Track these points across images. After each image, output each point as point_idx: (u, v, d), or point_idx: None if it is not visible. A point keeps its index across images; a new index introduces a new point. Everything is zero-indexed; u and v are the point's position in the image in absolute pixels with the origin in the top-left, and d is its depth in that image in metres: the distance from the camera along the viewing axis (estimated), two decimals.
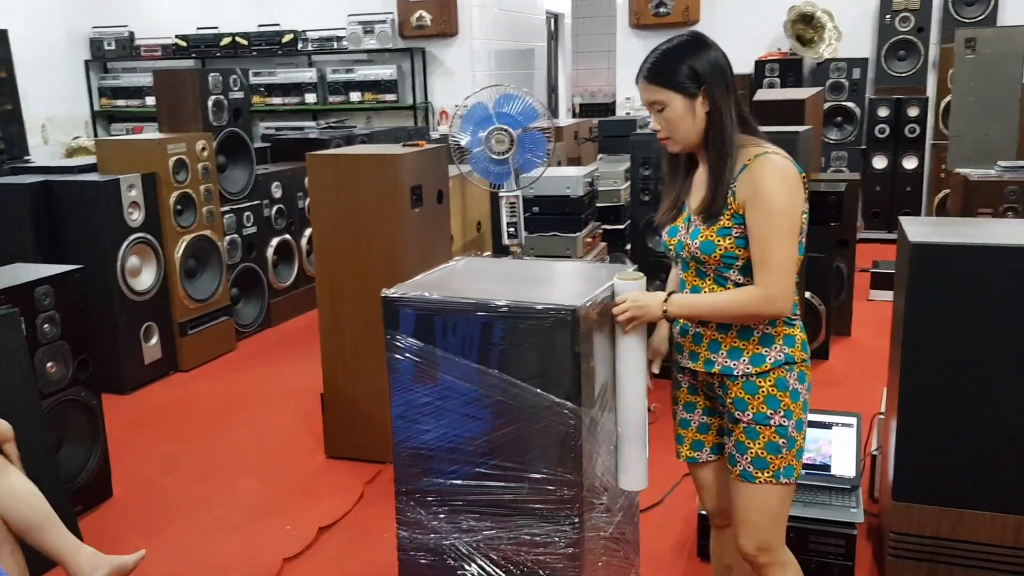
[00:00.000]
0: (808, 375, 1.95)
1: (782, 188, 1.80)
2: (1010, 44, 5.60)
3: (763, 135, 1.89)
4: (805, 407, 1.95)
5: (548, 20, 11.05)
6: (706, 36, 1.91)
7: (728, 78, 1.87)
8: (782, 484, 1.93)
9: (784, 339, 1.90)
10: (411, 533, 2.13)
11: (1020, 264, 2.22)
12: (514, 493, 2.00)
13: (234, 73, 5.26)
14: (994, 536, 2.36)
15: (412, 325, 2.06)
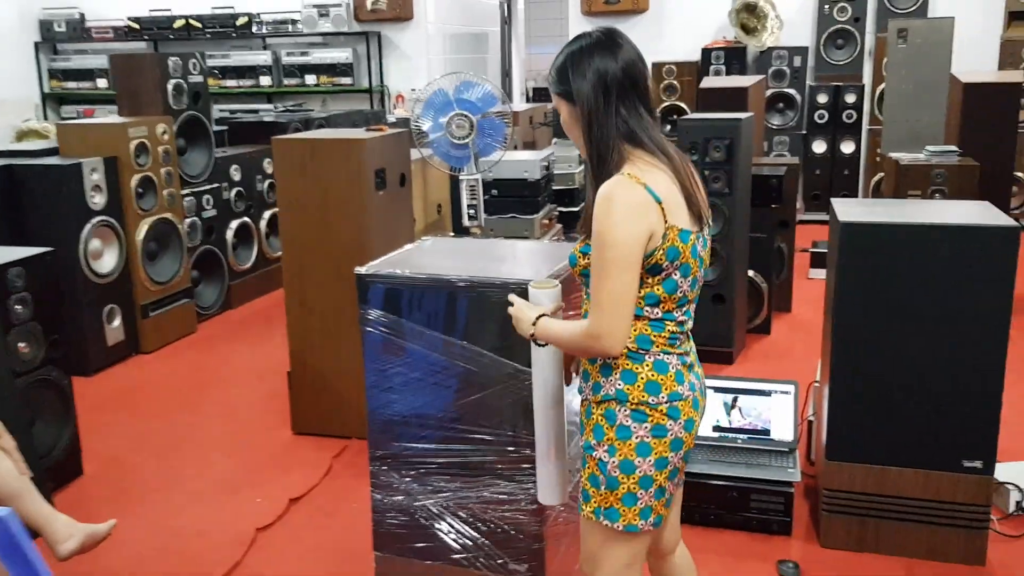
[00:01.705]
0: (654, 418, 1.72)
1: (612, 219, 1.62)
2: (939, 35, 5.89)
3: (658, 151, 1.71)
4: (642, 451, 1.72)
5: (501, 5, 11.16)
6: (615, 38, 1.73)
7: (611, 87, 1.68)
8: (603, 525, 1.77)
9: (622, 374, 1.73)
10: (384, 495, 2.30)
11: (935, 241, 2.45)
12: (480, 455, 2.17)
13: (193, 57, 5.31)
14: (914, 490, 2.60)
15: (382, 300, 2.22)
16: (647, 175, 1.67)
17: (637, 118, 1.70)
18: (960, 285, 2.43)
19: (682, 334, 1.77)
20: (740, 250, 4.40)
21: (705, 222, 1.76)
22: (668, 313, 1.72)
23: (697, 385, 1.80)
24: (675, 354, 1.75)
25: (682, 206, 1.70)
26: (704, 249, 1.76)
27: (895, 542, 2.64)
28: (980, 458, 2.51)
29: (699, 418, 1.80)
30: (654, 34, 8.04)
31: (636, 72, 1.71)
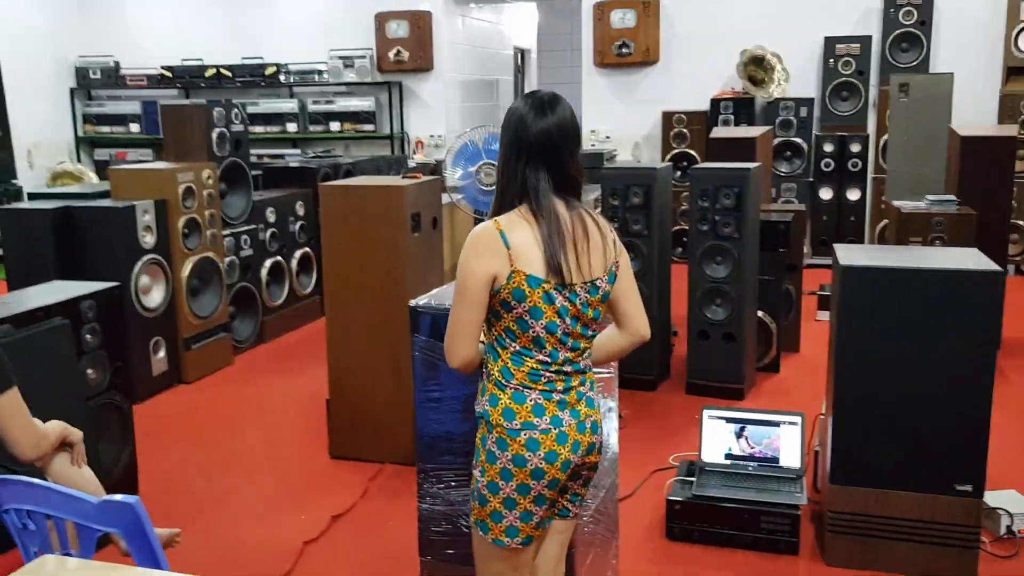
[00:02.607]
0: (513, 448, 1.91)
1: (466, 255, 1.91)
2: (939, 89, 6.22)
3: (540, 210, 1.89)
4: (505, 476, 1.92)
5: (516, 55, 11.59)
6: (545, 107, 1.93)
7: (522, 150, 1.91)
8: (479, 535, 2.00)
9: (490, 397, 1.95)
10: (430, 505, 2.55)
11: (927, 283, 2.72)
12: None
13: (235, 107, 5.66)
14: (912, 511, 2.84)
15: (429, 328, 2.49)
16: (512, 224, 1.90)
17: (535, 181, 1.91)
18: (950, 324, 2.70)
19: (550, 372, 1.94)
20: (749, 292, 4.68)
21: (568, 279, 1.89)
22: (526, 349, 1.93)
23: (568, 422, 1.94)
24: (537, 389, 1.93)
25: (537, 257, 1.88)
26: (571, 302, 1.91)
27: (894, 560, 2.88)
28: (970, 482, 2.76)
29: (571, 453, 1.94)
30: (665, 84, 8.40)
31: (548, 141, 1.91)
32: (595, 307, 1.98)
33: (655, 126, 8.35)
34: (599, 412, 2.06)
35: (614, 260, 1.99)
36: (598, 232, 1.97)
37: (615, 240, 2.02)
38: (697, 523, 3.12)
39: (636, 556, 3.09)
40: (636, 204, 4.78)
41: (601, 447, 2.07)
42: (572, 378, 1.98)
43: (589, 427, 2.00)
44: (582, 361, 2.01)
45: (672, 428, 4.26)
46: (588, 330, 2.00)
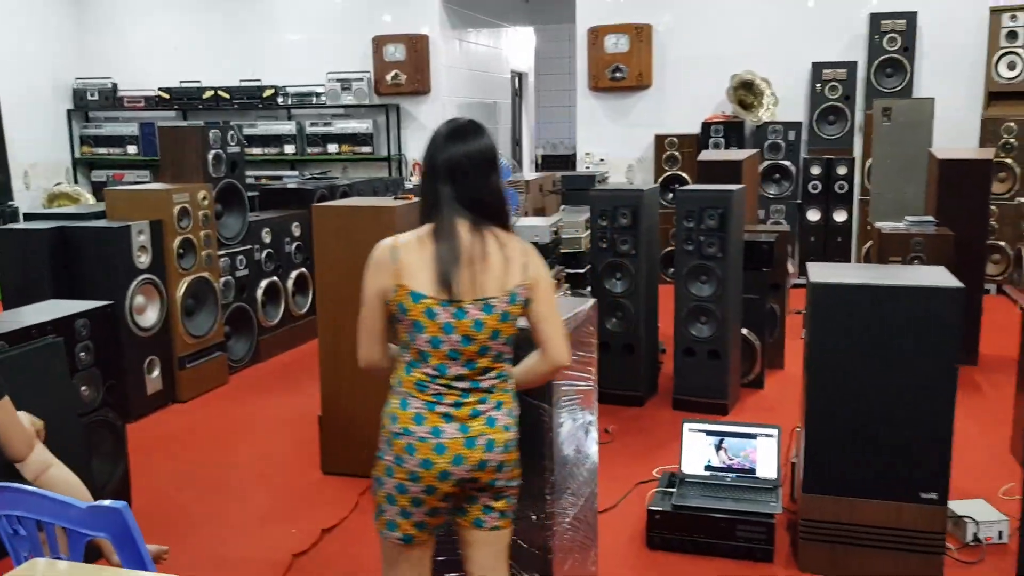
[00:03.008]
0: (395, 449, 2.05)
1: (367, 267, 2.10)
2: (920, 114, 6.37)
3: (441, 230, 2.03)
4: (388, 473, 2.08)
5: (513, 78, 11.77)
6: (457, 134, 2.08)
7: (434, 172, 2.07)
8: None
9: (387, 400, 2.11)
10: None
11: (892, 299, 2.83)
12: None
13: (231, 129, 5.79)
14: (880, 519, 2.93)
15: None
16: (409, 241, 2.06)
17: (440, 201, 2.05)
18: (914, 338, 2.80)
19: (437, 385, 2.05)
20: (733, 310, 4.78)
21: (457, 295, 2.00)
22: (415, 361, 2.06)
23: (451, 434, 2.03)
24: (421, 399, 2.05)
25: (426, 273, 2.01)
26: (458, 319, 2.01)
27: (863, 566, 2.96)
28: (935, 490, 2.85)
29: (451, 465, 2.03)
30: (657, 108, 8.56)
31: (456, 166, 2.05)
32: (493, 327, 2.04)
33: (648, 149, 8.50)
34: (506, 432, 2.09)
35: (520, 283, 2.05)
36: (500, 254, 2.04)
37: (527, 265, 2.07)
38: (676, 532, 3.21)
39: (617, 564, 3.18)
40: (624, 225, 4.90)
41: (503, 466, 2.10)
42: (469, 395, 2.07)
43: (482, 444, 2.06)
44: (486, 381, 2.08)
45: (657, 442, 4.34)
46: (489, 350, 2.06)
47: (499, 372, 2.11)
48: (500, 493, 2.14)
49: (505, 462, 2.11)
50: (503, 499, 2.16)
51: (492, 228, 2.07)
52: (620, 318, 4.97)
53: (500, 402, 2.11)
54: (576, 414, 2.67)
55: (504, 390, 2.13)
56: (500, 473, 2.11)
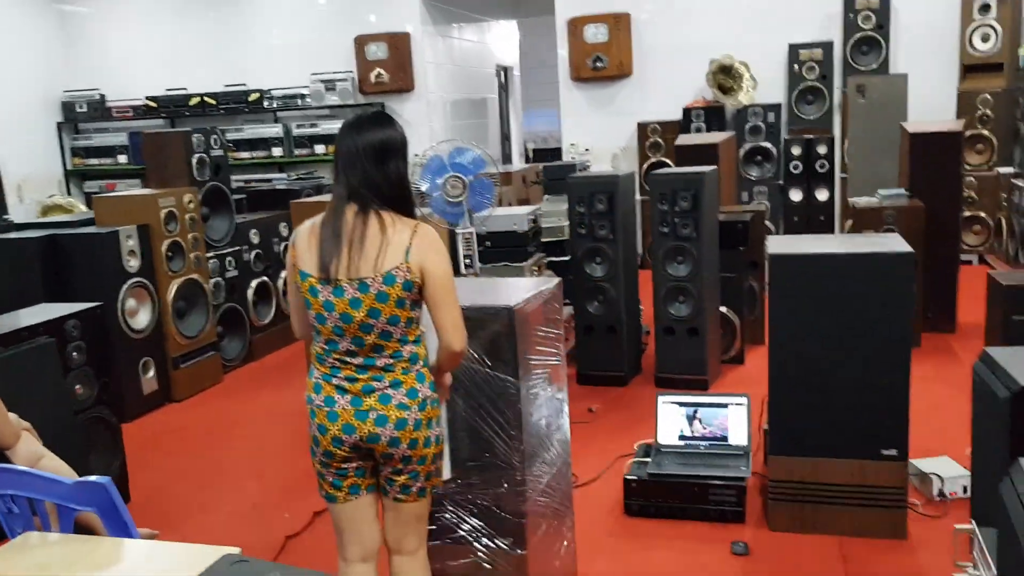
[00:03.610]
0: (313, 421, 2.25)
1: None
2: (894, 89, 6.48)
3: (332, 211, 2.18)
4: (314, 441, 2.27)
5: (498, 73, 11.86)
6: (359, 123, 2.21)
7: (337, 157, 2.21)
8: None
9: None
10: None
11: (846, 267, 2.94)
12: (475, 450, 2.63)
13: (214, 133, 5.89)
14: (844, 477, 3.04)
15: None
16: (306, 225, 2.23)
17: (336, 186, 2.22)
18: (868, 303, 2.91)
19: (332, 359, 2.20)
20: (710, 288, 4.89)
21: (335, 274, 2.13)
22: (315, 336, 2.24)
23: (344, 405, 2.19)
24: (321, 371, 2.23)
25: (313, 253, 2.17)
26: (337, 297, 2.14)
27: (830, 523, 3.08)
28: (896, 447, 2.97)
29: (342, 433, 2.19)
30: (639, 96, 8.65)
31: (348, 154, 2.18)
32: (371, 306, 2.13)
33: (632, 137, 8.59)
34: (401, 411, 2.18)
35: (397, 266, 2.13)
36: (380, 237, 2.14)
37: (411, 249, 2.14)
38: (652, 499, 3.33)
39: (596, 531, 3.30)
40: (601, 210, 5.01)
41: (396, 442, 2.19)
42: (365, 371, 2.19)
43: (373, 419, 2.18)
44: (380, 360, 2.18)
45: (639, 418, 4.45)
46: (373, 328, 2.15)
47: (395, 352, 2.20)
48: (399, 468, 2.24)
49: (399, 439, 2.19)
50: (404, 475, 2.25)
51: (383, 212, 2.17)
52: (601, 301, 5.08)
53: (397, 382, 2.20)
54: (546, 388, 2.78)
55: (405, 371, 2.20)
56: (395, 448, 2.20)
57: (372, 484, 2.35)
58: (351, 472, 2.29)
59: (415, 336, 2.25)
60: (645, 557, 3.12)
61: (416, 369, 2.24)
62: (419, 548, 2.38)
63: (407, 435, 2.21)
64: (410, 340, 2.23)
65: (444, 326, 2.21)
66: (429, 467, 2.29)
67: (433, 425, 2.27)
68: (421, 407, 2.22)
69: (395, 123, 2.27)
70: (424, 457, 2.26)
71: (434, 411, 2.27)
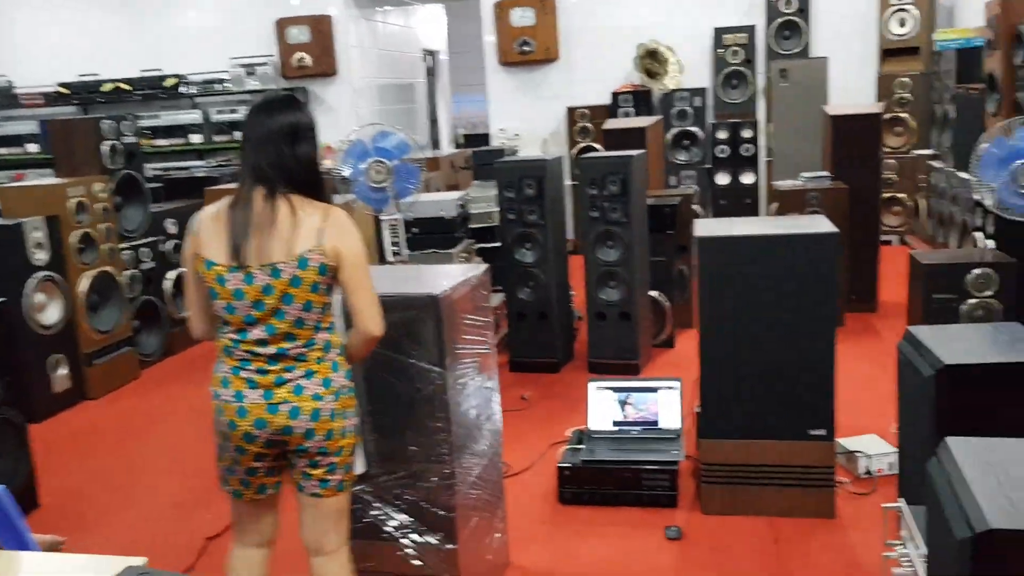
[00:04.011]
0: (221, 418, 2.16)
1: None
2: (815, 73, 6.57)
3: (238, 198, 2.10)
4: (222, 437, 2.19)
5: (425, 57, 11.68)
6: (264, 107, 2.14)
7: (244, 140, 2.15)
8: None
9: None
10: None
11: (771, 248, 2.94)
12: (400, 444, 2.54)
13: (125, 119, 5.64)
14: (774, 458, 3.05)
15: None
16: (208, 212, 2.14)
17: (242, 169, 2.14)
18: (793, 283, 2.92)
19: (240, 351, 2.11)
20: (640, 273, 4.88)
21: (245, 261, 2.05)
22: (222, 327, 2.15)
23: (254, 399, 2.10)
24: (229, 364, 2.14)
25: (220, 240, 2.08)
26: (248, 284, 2.06)
27: (761, 504, 3.09)
28: (823, 427, 2.98)
29: (254, 428, 2.11)
30: (567, 80, 8.61)
31: (255, 138, 2.11)
32: (284, 291, 2.05)
33: (561, 122, 8.56)
34: (316, 402, 2.11)
35: (310, 249, 2.05)
36: (290, 220, 2.06)
37: (323, 232, 2.07)
38: (586, 486, 3.29)
39: (529, 521, 3.25)
40: (530, 195, 4.94)
41: (312, 434, 2.11)
42: (276, 362, 2.10)
43: (286, 411, 2.10)
44: (293, 349, 2.10)
45: (572, 405, 4.41)
46: (285, 315, 2.07)
47: (308, 340, 2.12)
48: (315, 461, 2.16)
49: (314, 430, 2.12)
50: (321, 468, 2.17)
51: (291, 196, 2.09)
52: (532, 288, 5.02)
53: (311, 371, 2.12)
54: (476, 377, 2.70)
55: (319, 359, 2.13)
56: (310, 441, 2.12)
57: (279, 482, 2.28)
58: (261, 472, 2.22)
59: (329, 323, 2.17)
60: (579, 545, 3.08)
61: (331, 358, 2.16)
62: (340, 547, 2.29)
63: (323, 426, 2.13)
64: (324, 327, 2.15)
65: (361, 310, 2.14)
66: (347, 458, 2.21)
67: (348, 415, 2.19)
68: (336, 396, 2.15)
69: (304, 106, 2.20)
70: (341, 448, 2.18)
71: (350, 400, 2.20)
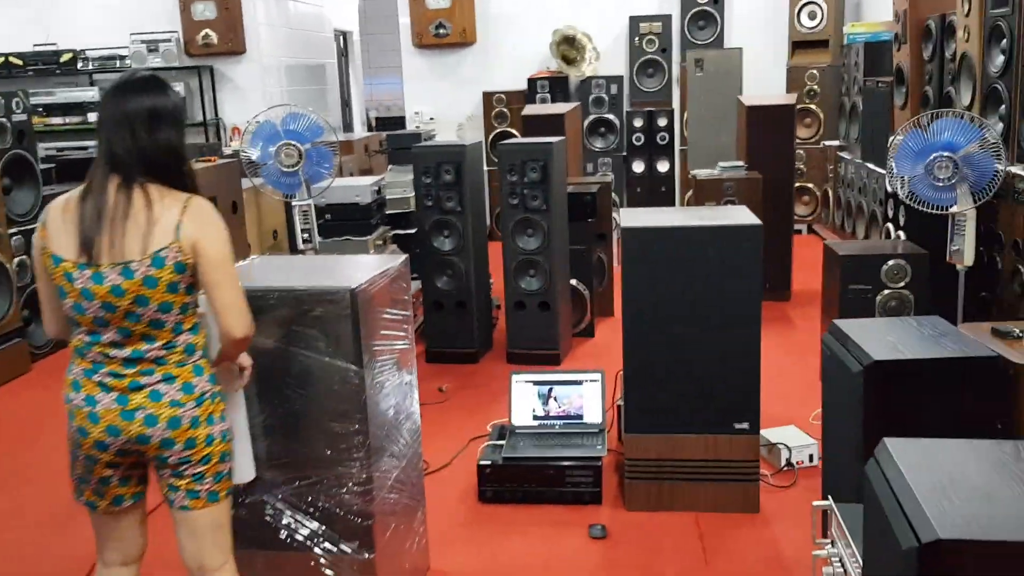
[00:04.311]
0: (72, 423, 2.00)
1: None
2: (730, 63, 6.61)
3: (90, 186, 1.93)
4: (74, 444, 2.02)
5: (337, 37, 11.37)
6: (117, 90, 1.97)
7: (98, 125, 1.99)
8: None
9: None
10: None
11: (696, 239, 2.89)
12: (311, 447, 2.40)
13: (16, 95, 5.26)
14: (699, 452, 3.02)
15: None
16: (63, 202, 1.96)
17: (97, 156, 1.97)
18: (719, 275, 2.88)
19: (94, 352, 1.95)
20: (560, 261, 4.81)
21: (97, 259, 1.88)
22: (74, 328, 1.99)
23: (107, 404, 1.94)
24: (81, 366, 1.98)
25: (69, 235, 1.91)
26: (95, 284, 1.89)
27: (686, 499, 3.06)
28: (747, 420, 2.96)
29: (106, 435, 1.95)
30: (484, 64, 8.49)
31: (110, 121, 1.94)
32: (137, 293, 1.91)
33: (477, 106, 8.44)
34: (174, 408, 1.97)
35: (166, 246, 1.91)
36: (145, 214, 1.91)
37: (181, 226, 1.92)
38: (507, 484, 3.20)
39: (448, 522, 3.14)
40: (448, 181, 4.81)
41: (171, 443, 1.97)
42: (133, 365, 1.96)
43: (142, 419, 1.95)
44: (151, 352, 1.96)
45: (492, 397, 4.33)
46: (140, 317, 1.93)
47: (168, 343, 1.98)
48: (179, 471, 2.01)
49: (172, 439, 1.97)
50: (185, 478, 2.02)
51: (149, 186, 1.94)
52: (450, 276, 4.90)
53: (170, 375, 1.98)
54: (393, 374, 2.58)
55: (179, 363, 1.99)
56: (169, 450, 1.98)
57: (139, 492, 2.14)
58: (115, 481, 2.07)
59: (191, 324, 2.01)
60: (501, 546, 2.99)
61: (193, 361, 2.01)
62: (225, 562, 2.13)
63: (182, 434, 1.98)
64: (185, 328, 2.00)
65: (222, 310, 1.98)
66: (216, 467, 2.05)
67: (215, 421, 2.04)
68: (198, 402, 2.00)
69: (167, 88, 2.02)
70: (208, 456, 2.03)
71: (216, 406, 2.05)
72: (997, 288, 3.69)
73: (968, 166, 3.27)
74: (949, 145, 3.27)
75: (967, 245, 3.34)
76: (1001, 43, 3.81)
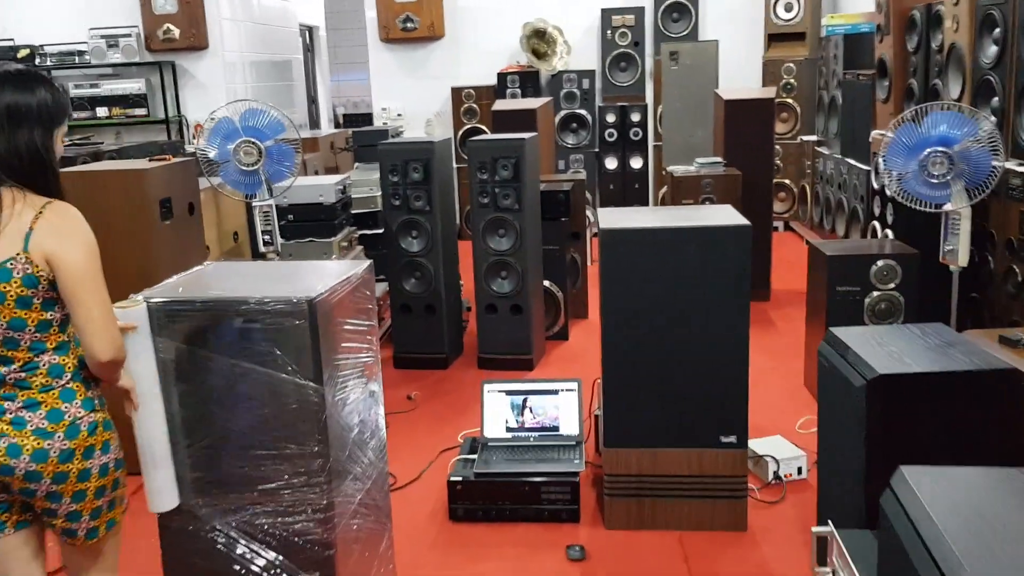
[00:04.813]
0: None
1: None
2: (705, 56, 6.47)
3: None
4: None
5: (303, 33, 11.11)
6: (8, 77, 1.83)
7: None
8: None
9: None
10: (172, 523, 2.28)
11: (680, 240, 2.72)
12: (267, 471, 2.20)
13: None
14: (682, 467, 2.85)
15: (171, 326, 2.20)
16: None
17: None
18: (704, 279, 2.71)
19: None
20: (533, 262, 4.64)
21: None
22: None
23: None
24: None
25: None
26: None
27: (669, 517, 2.89)
28: (735, 433, 2.80)
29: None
30: (452, 59, 8.30)
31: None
32: None
33: (446, 102, 8.24)
34: (41, 440, 1.81)
35: (12, 256, 1.76)
36: None
37: (32, 234, 1.77)
38: (479, 501, 3.02)
39: (417, 543, 2.95)
40: (416, 180, 4.62)
41: (37, 476, 1.81)
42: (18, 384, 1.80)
43: (4, 448, 1.79)
44: (12, 375, 1.80)
45: (463, 405, 4.15)
46: None
47: (27, 363, 1.80)
48: (50, 509, 1.85)
49: (38, 472, 1.80)
50: (59, 517, 1.85)
51: (4, 190, 1.78)
52: (419, 278, 4.71)
53: (33, 401, 1.80)
54: (357, 389, 2.38)
55: (44, 387, 1.81)
56: (36, 483, 1.80)
57: (24, 520, 1.93)
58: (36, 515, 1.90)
59: (56, 343, 1.83)
60: (473, 570, 2.80)
61: (62, 385, 1.83)
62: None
63: (50, 468, 1.80)
64: (48, 348, 1.82)
65: (83, 329, 1.79)
66: (93, 503, 1.88)
67: (94, 454, 1.86)
68: (71, 433, 1.82)
69: (36, 85, 1.83)
70: (82, 492, 1.85)
71: (98, 436, 1.88)
72: (989, 289, 3.56)
73: (964, 162, 3.13)
74: (944, 139, 3.12)
75: (962, 245, 3.20)
76: (994, 33, 3.69)
